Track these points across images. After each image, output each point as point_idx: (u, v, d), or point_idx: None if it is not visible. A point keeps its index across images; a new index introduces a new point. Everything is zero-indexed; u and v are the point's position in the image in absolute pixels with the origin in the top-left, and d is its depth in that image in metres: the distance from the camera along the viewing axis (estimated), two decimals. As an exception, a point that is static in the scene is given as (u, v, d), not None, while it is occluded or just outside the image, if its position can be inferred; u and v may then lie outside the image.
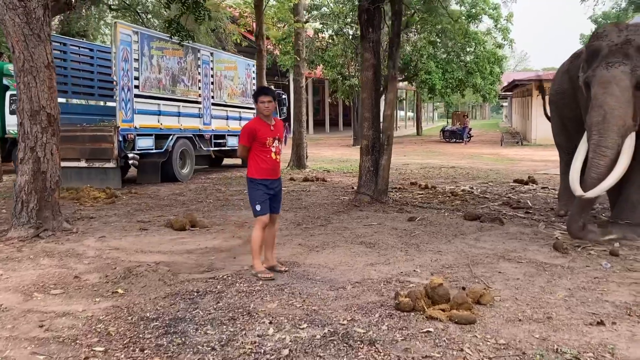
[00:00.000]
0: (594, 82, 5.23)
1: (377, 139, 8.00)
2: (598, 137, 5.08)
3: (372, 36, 7.84)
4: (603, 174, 5.04)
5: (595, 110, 5.12)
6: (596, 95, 5.16)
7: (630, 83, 5.08)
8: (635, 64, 5.11)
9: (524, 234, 5.91)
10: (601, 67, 5.20)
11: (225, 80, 12.73)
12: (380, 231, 6.00)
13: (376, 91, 7.96)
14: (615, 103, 5.04)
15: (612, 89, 5.07)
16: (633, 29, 5.29)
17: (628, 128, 5.08)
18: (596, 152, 5.10)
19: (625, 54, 5.15)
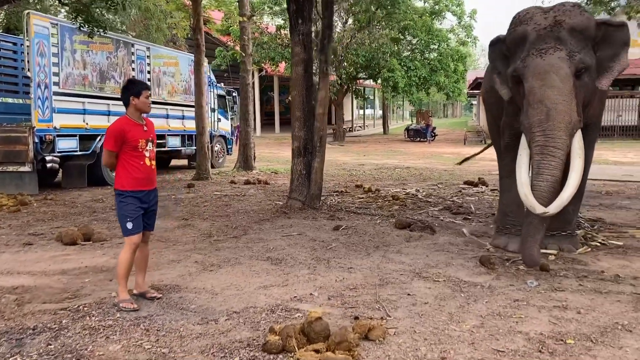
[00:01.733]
0: (527, 74, 4.42)
1: (310, 140, 7.40)
2: (543, 138, 4.26)
3: (302, 28, 7.23)
4: (558, 179, 4.25)
5: (535, 106, 4.31)
6: (533, 89, 4.35)
7: (570, 71, 4.33)
8: (571, 49, 4.42)
9: (453, 244, 5.36)
10: (533, 56, 4.43)
11: (164, 76, 12.01)
12: (296, 243, 5.40)
13: (307, 88, 7.35)
14: (558, 96, 4.26)
15: (551, 79, 4.28)
16: (560, 9, 4.59)
17: (575, 125, 4.33)
18: (544, 153, 4.25)
19: (557, 37, 4.45)
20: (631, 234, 5.77)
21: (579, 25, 4.47)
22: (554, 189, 4.24)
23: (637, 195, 8.61)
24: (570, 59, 4.36)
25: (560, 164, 4.25)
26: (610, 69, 4.60)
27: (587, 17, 4.58)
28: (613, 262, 4.72)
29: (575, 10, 4.56)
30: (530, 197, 4.21)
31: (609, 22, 4.71)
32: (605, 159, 15.19)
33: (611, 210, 7.30)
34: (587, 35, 4.52)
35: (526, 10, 4.77)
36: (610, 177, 10.91)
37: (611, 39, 4.62)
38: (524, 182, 4.35)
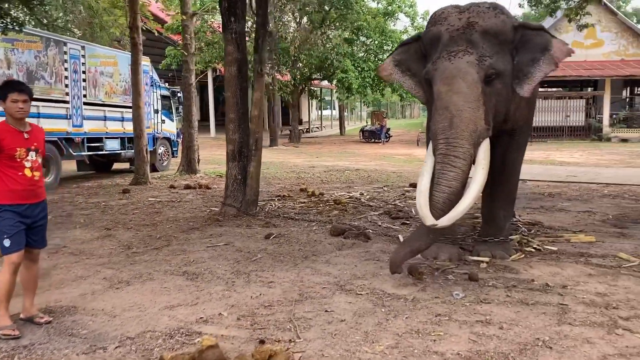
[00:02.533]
0: (435, 78, 4.20)
1: (245, 143, 7.08)
2: (445, 146, 4.03)
3: (234, 27, 6.90)
4: (456, 191, 4.01)
5: (440, 113, 4.08)
6: (440, 94, 4.12)
7: (479, 76, 4.10)
8: (482, 53, 4.20)
9: (385, 252, 5.14)
10: (443, 58, 4.19)
11: (101, 77, 11.47)
12: (219, 255, 5.08)
13: (242, 89, 7.03)
14: (464, 103, 4.03)
15: (457, 85, 4.05)
16: (474, 10, 4.38)
17: (481, 133, 4.09)
18: (445, 163, 4.03)
19: (469, 40, 4.22)
20: (566, 239, 5.68)
21: (493, 28, 4.27)
22: (450, 201, 4.00)
23: (578, 197, 8.62)
24: (480, 63, 4.14)
25: (461, 174, 4.02)
26: (530, 75, 4.40)
27: (503, 20, 4.35)
28: (545, 270, 4.59)
29: (490, 12, 4.34)
30: (423, 207, 3.98)
31: (527, 26, 4.50)
32: (552, 160, 15.41)
33: (551, 213, 7.24)
34: (503, 39, 4.31)
35: (442, 9, 4.54)
36: (554, 178, 10.98)
37: (530, 43, 4.43)
38: (422, 190, 4.12)
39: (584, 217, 6.97)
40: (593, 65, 23.54)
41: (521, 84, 4.42)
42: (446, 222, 3.93)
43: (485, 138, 4.16)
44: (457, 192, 4.00)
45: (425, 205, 3.99)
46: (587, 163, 14.39)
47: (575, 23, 10.03)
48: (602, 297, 3.85)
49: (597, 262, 4.82)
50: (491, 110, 4.23)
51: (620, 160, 14.88)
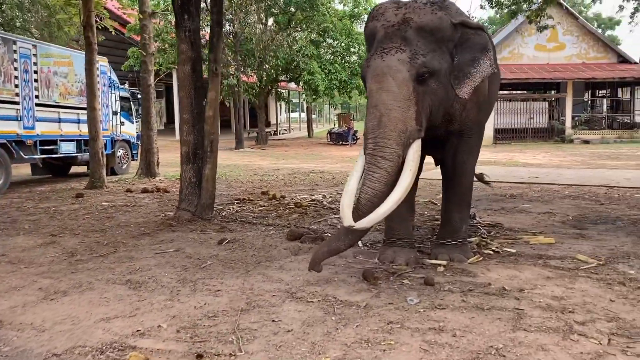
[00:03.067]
0: (367, 76, 4.07)
1: (200, 144, 6.84)
2: (373, 146, 3.89)
3: (188, 24, 6.67)
4: (380, 194, 3.86)
5: (370, 111, 3.97)
6: (370, 92, 4.00)
7: (410, 75, 3.94)
8: (415, 50, 4.05)
9: (341, 257, 4.96)
10: (376, 55, 4.05)
11: (55, 77, 11.05)
12: (167, 262, 4.84)
13: (196, 89, 6.80)
14: (393, 102, 3.89)
15: (387, 83, 3.92)
16: (411, 6, 4.23)
17: (411, 134, 3.95)
18: (371, 163, 3.89)
19: (403, 37, 4.05)
20: (526, 240, 5.61)
21: (429, 25, 4.12)
22: (372, 204, 3.85)
23: (539, 198, 8.62)
24: (412, 61, 3.99)
25: (386, 176, 3.87)
26: (469, 75, 4.27)
27: (440, 17, 4.19)
28: (502, 273, 4.49)
29: (427, 8, 4.19)
30: (345, 208, 3.84)
31: (466, 24, 4.34)
32: (515, 161, 15.53)
33: (511, 215, 7.19)
34: (440, 37, 4.18)
35: (381, 5, 4.40)
36: (516, 179, 11.02)
37: (469, 42, 4.30)
38: (348, 190, 3.99)
39: (544, 218, 6.94)
40: (555, 68, 23.95)
41: (460, 85, 4.29)
42: (364, 225, 3.78)
43: (417, 139, 4.03)
44: (380, 194, 3.86)
45: (348, 206, 3.86)
46: (549, 164, 14.54)
47: (535, 24, 10.08)
48: (559, 301, 3.76)
49: (555, 264, 4.75)
50: (424, 111, 4.10)
51: (582, 162, 15.08)
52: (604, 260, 4.81)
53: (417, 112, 3.99)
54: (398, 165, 3.93)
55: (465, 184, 4.92)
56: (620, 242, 5.50)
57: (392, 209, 3.87)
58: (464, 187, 4.92)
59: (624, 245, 5.37)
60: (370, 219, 3.77)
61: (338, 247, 3.94)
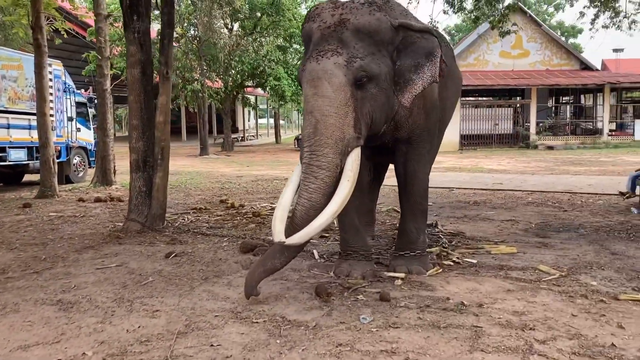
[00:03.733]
0: (303, 80, 3.83)
1: (150, 152, 6.50)
2: (309, 155, 3.66)
3: (137, 25, 6.34)
4: (317, 205, 3.61)
5: (306, 118, 3.74)
6: (306, 98, 3.78)
7: (347, 79, 3.70)
8: (353, 53, 3.81)
9: (295, 270, 4.70)
10: (311, 59, 3.81)
11: (4, 81, 10.54)
12: (107, 278, 4.49)
13: (146, 93, 6.46)
14: (329, 107, 3.65)
15: (323, 88, 3.68)
16: (348, 6, 3.97)
17: (349, 142, 3.72)
18: (307, 173, 3.66)
19: (339, 39, 3.80)
20: (487, 250, 5.43)
21: (367, 27, 3.88)
22: (308, 216, 3.62)
23: (502, 205, 8.51)
24: (348, 65, 3.75)
25: (323, 187, 3.65)
26: (411, 82, 4.04)
27: (378, 18, 3.94)
28: (462, 286, 4.28)
29: (365, 9, 3.94)
30: (277, 221, 3.60)
31: (409, 26, 4.07)
32: (480, 167, 15.52)
33: (474, 223, 7.04)
34: (379, 39, 3.93)
35: (318, 5, 4.16)
36: (481, 185, 10.93)
37: (412, 46, 4.05)
38: (282, 202, 3.76)
39: (507, 226, 6.80)
40: (520, 75, 24.21)
41: (402, 92, 4.07)
42: (297, 240, 3.53)
43: (356, 147, 3.80)
44: (317, 206, 3.62)
45: (280, 220, 3.62)
46: (514, 170, 14.56)
47: (498, 30, 10.03)
48: (519, 317, 3.56)
49: (516, 275, 4.58)
50: (364, 118, 3.86)
51: (546, 167, 15.16)
52: (566, 270, 4.66)
53: (355, 118, 3.76)
54: (336, 175, 3.69)
55: (419, 192, 4.68)
56: (582, 251, 5.37)
57: (328, 222, 3.64)
58: (417, 196, 4.68)
59: (586, 255, 5.24)
60: (303, 233, 3.52)
61: (274, 266, 3.68)
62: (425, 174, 4.70)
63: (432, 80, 4.07)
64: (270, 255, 3.71)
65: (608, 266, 4.82)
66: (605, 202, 8.65)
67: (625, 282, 4.35)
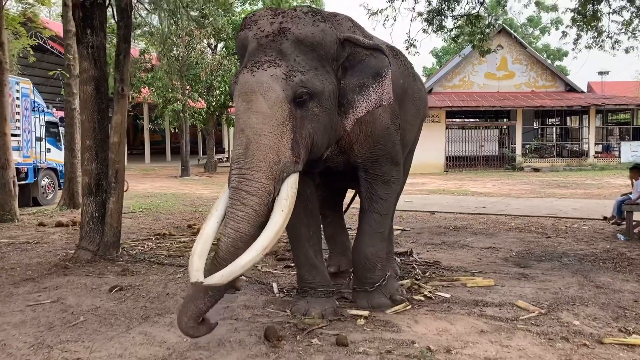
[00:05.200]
0: (235, 93, 3.41)
1: (104, 174, 6.05)
2: (238, 178, 3.22)
3: (91, 40, 5.93)
4: (245, 237, 3.14)
5: (237, 136, 3.33)
6: (237, 114, 3.36)
7: (285, 94, 3.31)
8: (293, 66, 3.38)
9: (249, 307, 4.25)
10: (245, 70, 3.39)
11: (-35, 99, 10.02)
12: (33, 318, 4.00)
13: (100, 112, 6.04)
14: (263, 125, 3.24)
15: (257, 103, 3.27)
16: (289, 14, 3.57)
17: (285, 167, 3.29)
18: (235, 199, 3.19)
19: (278, 50, 3.41)
20: (463, 282, 5.01)
21: (309, 38, 3.47)
22: (235, 249, 3.12)
23: (484, 230, 8.11)
24: (287, 79, 3.34)
25: (252, 215, 3.18)
26: (354, 104, 3.65)
27: (323, 30, 3.54)
28: (431, 326, 3.85)
29: (307, 18, 3.53)
30: (194, 257, 3.07)
31: (356, 42, 3.68)
32: (464, 190, 15.17)
33: (452, 250, 6.63)
34: (322, 54, 3.53)
35: (255, 12, 3.74)
36: (463, 209, 10.55)
37: (359, 65, 3.66)
38: (204, 234, 3.23)
39: (486, 254, 6.39)
40: (505, 96, 24.04)
41: (345, 114, 3.66)
42: (216, 281, 2.97)
43: (293, 173, 3.35)
44: (245, 237, 3.14)
45: (199, 255, 3.08)
46: (498, 193, 14.22)
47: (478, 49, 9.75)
48: (491, 366, 3.13)
49: (492, 313, 4.16)
50: (303, 140, 3.42)
51: (531, 190, 14.84)
52: (546, 307, 4.25)
53: (293, 140, 3.33)
54: (268, 203, 3.24)
55: (378, 215, 4.18)
56: (565, 284, 4.97)
57: (257, 259, 3.16)
58: (376, 219, 4.19)
59: (569, 288, 4.84)
60: (226, 272, 2.98)
61: (199, 309, 3.16)
62: (388, 196, 4.21)
63: (378, 103, 3.67)
64: (192, 297, 3.20)
65: (592, 302, 4.42)
66: (590, 227, 8.29)
67: (610, 322, 3.95)
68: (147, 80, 21.88)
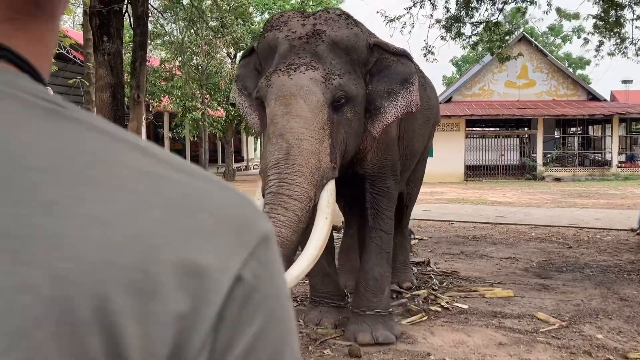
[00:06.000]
0: (269, 97, 3.25)
1: (120, 181, 6.04)
2: (278, 183, 3.04)
3: (107, 47, 5.94)
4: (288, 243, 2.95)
5: (274, 142, 3.13)
6: (274, 118, 3.18)
7: (325, 98, 3.20)
8: (330, 70, 3.29)
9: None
10: (279, 72, 3.25)
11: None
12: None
13: (117, 119, 6.02)
14: (305, 130, 3.11)
15: (298, 106, 3.14)
16: (322, 16, 3.49)
17: (325, 173, 3.16)
18: (275, 204, 2.99)
19: (314, 52, 3.30)
20: (481, 293, 4.90)
21: (344, 41, 3.40)
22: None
23: (503, 240, 7.95)
24: (327, 82, 3.24)
25: (295, 221, 3.02)
26: (382, 110, 3.56)
27: (356, 34, 3.48)
28: (448, 337, 3.74)
29: (341, 21, 3.46)
30: None
31: (385, 47, 3.63)
32: (484, 199, 14.96)
33: (471, 260, 6.49)
34: (355, 58, 3.46)
35: (282, 13, 3.68)
36: (483, 219, 10.38)
37: (387, 70, 3.60)
38: None
39: (506, 264, 6.25)
40: (526, 105, 23.77)
41: (372, 120, 3.58)
42: None
43: (331, 180, 3.24)
44: (287, 243, 2.98)
45: None
46: (518, 202, 13.99)
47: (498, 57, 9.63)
48: (509, 380, 3.01)
49: (511, 324, 4.03)
50: (339, 146, 3.33)
51: (552, 200, 14.58)
52: (567, 319, 4.12)
53: (331, 146, 3.23)
54: (309, 209, 3.11)
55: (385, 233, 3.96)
56: (587, 296, 4.81)
57: (307, 270, 3.06)
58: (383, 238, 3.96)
59: (591, 300, 4.68)
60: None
61: None
62: (391, 215, 4.03)
63: (406, 110, 3.60)
64: None
65: (616, 315, 4.26)
66: (614, 238, 8.07)
67: (636, 336, 3.80)
68: (167, 89, 22.07)
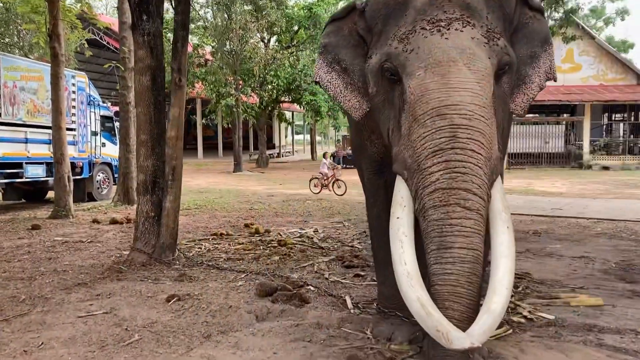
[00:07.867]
0: (413, 64, 2.52)
1: (160, 171, 5.65)
2: (450, 173, 2.37)
3: (147, 27, 5.52)
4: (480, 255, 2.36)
5: (430, 123, 2.41)
6: (426, 93, 2.44)
7: (492, 66, 2.51)
8: (490, 27, 2.57)
9: (322, 326, 3.69)
10: (424, 31, 2.53)
11: (22, 93, 9.94)
12: (84, 334, 3.57)
13: (157, 105, 5.63)
14: (473, 106, 2.39)
15: (462, 76, 2.41)
16: None
17: (495, 166, 2.49)
18: (450, 205, 2.34)
19: (465, 4, 2.56)
20: (565, 301, 4.31)
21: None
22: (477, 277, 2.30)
23: (568, 236, 7.31)
24: (490, 43, 2.53)
25: (481, 223, 2.36)
26: (527, 80, 2.93)
27: None
28: (543, 357, 3.21)
29: None
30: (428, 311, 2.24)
31: (525, 1, 2.97)
32: (532, 189, 14.23)
33: (540, 259, 5.91)
34: (507, 13, 2.78)
35: None
36: (538, 211, 9.72)
37: (526, 29, 2.97)
38: (411, 270, 2.39)
39: (580, 264, 5.64)
40: (571, 90, 22.73)
41: (516, 95, 2.92)
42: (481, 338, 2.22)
43: (499, 174, 2.59)
44: (481, 257, 2.37)
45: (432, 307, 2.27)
46: (570, 193, 13.22)
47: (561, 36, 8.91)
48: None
49: (612, 342, 3.46)
50: (498, 127, 2.65)
51: (606, 190, 13.76)
52: (680, 337, 3.51)
53: (497, 128, 2.57)
54: (487, 210, 2.46)
55: None
56: (691, 306, 4.19)
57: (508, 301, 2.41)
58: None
59: (697, 311, 4.06)
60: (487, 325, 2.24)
61: None
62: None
63: (548, 78, 2.99)
64: None
65: None
66: (691, 234, 7.35)
67: None
68: (201, 75, 21.75)
